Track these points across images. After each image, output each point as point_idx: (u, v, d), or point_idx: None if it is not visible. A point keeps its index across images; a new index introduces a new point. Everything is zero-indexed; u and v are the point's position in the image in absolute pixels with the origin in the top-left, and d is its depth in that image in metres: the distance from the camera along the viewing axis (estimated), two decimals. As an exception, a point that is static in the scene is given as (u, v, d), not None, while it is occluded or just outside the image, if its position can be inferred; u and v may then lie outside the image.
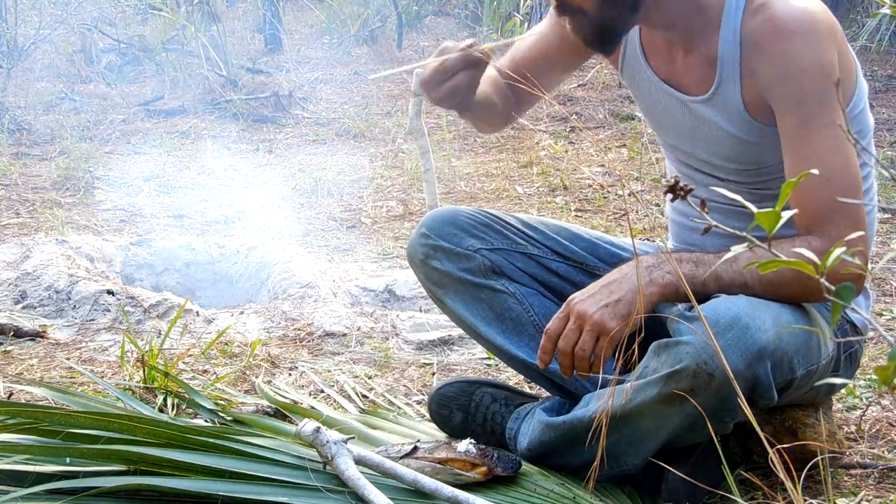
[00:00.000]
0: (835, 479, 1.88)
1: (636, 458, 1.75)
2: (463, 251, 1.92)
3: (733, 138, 1.78)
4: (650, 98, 1.91)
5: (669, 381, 1.61)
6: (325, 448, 1.64)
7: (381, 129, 5.70)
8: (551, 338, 1.69)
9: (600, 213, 4.09)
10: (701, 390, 1.59)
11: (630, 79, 1.94)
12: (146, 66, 7.19)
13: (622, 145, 5.09)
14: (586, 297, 1.68)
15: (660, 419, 1.67)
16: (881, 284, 3.02)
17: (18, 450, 1.67)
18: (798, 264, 0.96)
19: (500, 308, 1.92)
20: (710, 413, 1.61)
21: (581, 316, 1.66)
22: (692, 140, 1.86)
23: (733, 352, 1.56)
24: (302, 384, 2.46)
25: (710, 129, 1.81)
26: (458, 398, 1.97)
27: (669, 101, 1.87)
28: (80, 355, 2.67)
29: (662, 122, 1.92)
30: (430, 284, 1.97)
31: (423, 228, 1.96)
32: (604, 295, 1.66)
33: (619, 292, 1.66)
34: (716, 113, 1.79)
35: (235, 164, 5.12)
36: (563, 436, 1.78)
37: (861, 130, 1.82)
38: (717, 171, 1.86)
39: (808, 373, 1.70)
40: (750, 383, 1.59)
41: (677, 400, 1.61)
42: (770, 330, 1.59)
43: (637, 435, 1.71)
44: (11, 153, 5.26)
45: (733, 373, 1.52)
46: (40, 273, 3.08)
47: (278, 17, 7.73)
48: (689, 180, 1.92)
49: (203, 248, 3.54)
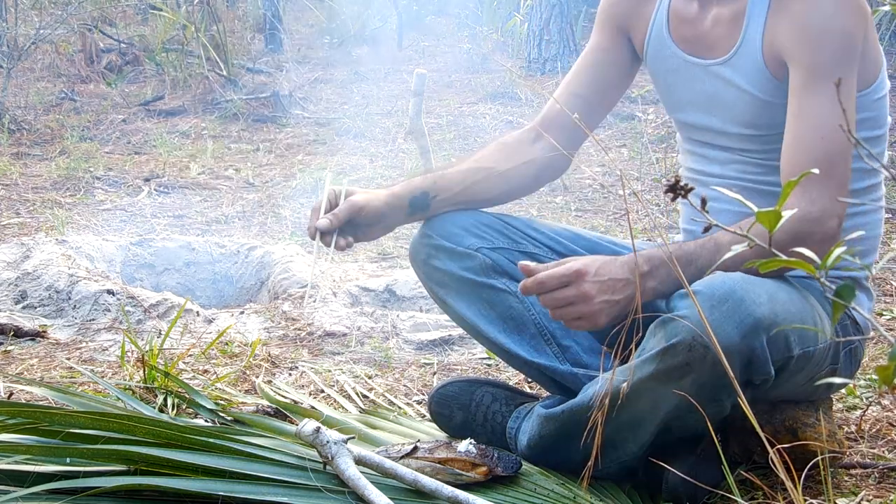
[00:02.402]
0: (835, 479, 1.88)
1: (635, 444, 1.75)
2: (464, 250, 1.92)
3: (751, 99, 1.79)
4: (671, 75, 1.93)
5: (665, 356, 1.60)
6: (325, 448, 1.64)
7: (381, 129, 5.70)
8: (541, 289, 1.67)
9: (600, 213, 4.09)
10: (697, 364, 1.59)
11: (653, 58, 1.96)
12: (146, 66, 7.19)
13: (622, 145, 5.09)
14: (594, 279, 1.65)
15: (657, 399, 1.67)
16: (881, 284, 3.02)
17: (18, 450, 1.67)
18: (798, 264, 0.96)
19: (502, 307, 1.93)
20: (706, 390, 1.61)
21: (584, 296, 1.65)
22: (708, 110, 1.88)
23: (728, 323, 1.57)
24: (302, 384, 2.46)
25: (729, 92, 1.83)
26: (459, 397, 1.97)
27: (690, 71, 1.89)
28: (80, 355, 2.67)
29: (682, 97, 1.94)
30: (431, 284, 1.97)
31: (425, 228, 1.97)
32: (608, 288, 1.65)
33: (620, 294, 1.65)
34: (735, 73, 1.81)
35: (235, 164, 5.12)
36: (563, 427, 1.77)
37: (877, 118, 1.84)
38: (732, 141, 1.86)
39: (805, 354, 1.70)
40: (746, 356, 1.59)
41: (673, 377, 1.61)
42: (765, 304, 1.60)
43: (635, 419, 1.70)
44: (11, 153, 5.26)
45: (728, 345, 1.54)
46: (40, 273, 3.08)
47: (278, 17, 7.74)
48: (704, 162, 1.93)
49: (203, 248, 3.55)
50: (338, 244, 1.89)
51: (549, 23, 7.04)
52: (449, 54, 7.81)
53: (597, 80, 2.00)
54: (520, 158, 2.00)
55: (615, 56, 2.00)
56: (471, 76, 7.04)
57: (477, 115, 5.99)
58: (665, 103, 2.03)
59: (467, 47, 7.59)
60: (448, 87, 6.87)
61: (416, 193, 1.95)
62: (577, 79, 2.01)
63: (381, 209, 1.93)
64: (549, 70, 6.94)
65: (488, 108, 6.11)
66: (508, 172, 2.00)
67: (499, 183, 2.00)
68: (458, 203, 1.97)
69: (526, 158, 2.00)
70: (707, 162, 1.93)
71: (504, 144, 2.03)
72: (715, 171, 1.90)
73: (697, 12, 1.88)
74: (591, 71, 2.01)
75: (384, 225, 1.96)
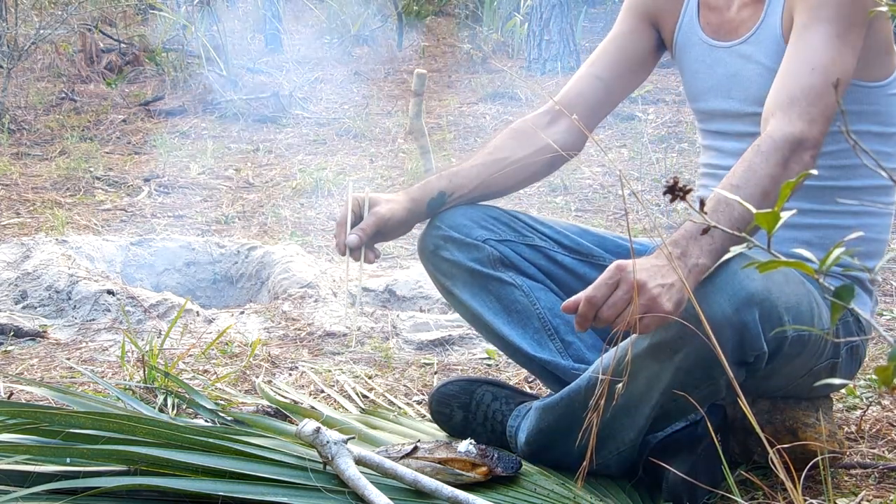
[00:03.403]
0: (835, 479, 1.88)
1: (632, 430, 1.74)
2: (472, 241, 1.94)
3: (768, 73, 1.80)
4: (696, 63, 1.96)
5: (659, 330, 1.59)
6: (325, 448, 1.64)
7: (381, 129, 5.71)
8: (595, 305, 1.56)
9: (600, 213, 4.09)
10: (689, 338, 1.57)
11: (682, 49, 1.99)
12: (146, 66, 7.19)
13: (622, 145, 5.09)
14: (639, 267, 1.54)
15: (651, 379, 1.66)
16: (881, 284, 3.02)
17: (18, 450, 1.67)
18: (797, 265, 0.96)
19: (507, 300, 1.93)
20: (700, 367, 1.61)
21: (637, 286, 1.53)
22: (728, 92, 1.90)
23: (721, 296, 1.57)
24: (302, 384, 2.46)
25: (748, 69, 1.85)
26: (459, 397, 1.97)
27: (714, 55, 1.92)
28: (81, 355, 2.67)
29: (704, 84, 1.95)
30: (438, 275, 1.98)
31: (435, 220, 1.98)
32: (656, 271, 1.55)
33: (671, 277, 1.55)
34: (756, 49, 1.84)
35: (235, 164, 5.12)
36: (561, 417, 1.77)
37: (890, 113, 1.84)
38: (748, 125, 1.86)
39: (801, 338, 1.69)
40: (738, 330, 1.58)
41: (667, 352, 1.61)
42: (759, 279, 1.59)
43: (631, 401, 1.69)
44: (11, 153, 5.26)
45: (721, 317, 1.53)
46: (40, 273, 3.08)
47: (278, 17, 7.74)
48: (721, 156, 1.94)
49: (203, 248, 3.55)
50: (367, 258, 1.90)
51: (549, 23, 7.04)
52: (449, 54, 7.81)
53: (619, 65, 2.01)
54: (534, 145, 1.99)
55: (640, 44, 2.02)
56: (471, 76, 7.04)
57: (477, 115, 5.99)
58: (689, 94, 2.04)
59: (467, 47, 7.59)
60: (448, 87, 6.87)
61: (433, 195, 1.96)
62: (601, 61, 2.02)
63: (404, 217, 1.94)
64: (549, 70, 6.94)
65: (488, 108, 6.11)
66: (524, 160, 1.99)
67: (514, 173, 1.99)
68: (474, 199, 1.99)
69: (541, 145, 1.98)
70: (723, 156, 1.93)
71: (517, 131, 2.02)
72: (731, 165, 1.89)
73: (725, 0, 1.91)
74: (615, 55, 2.02)
75: (405, 229, 1.98)
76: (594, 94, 1.99)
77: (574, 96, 2.01)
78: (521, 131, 2.01)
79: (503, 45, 7.74)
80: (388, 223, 1.91)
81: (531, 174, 2.03)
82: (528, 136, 2.00)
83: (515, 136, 2.01)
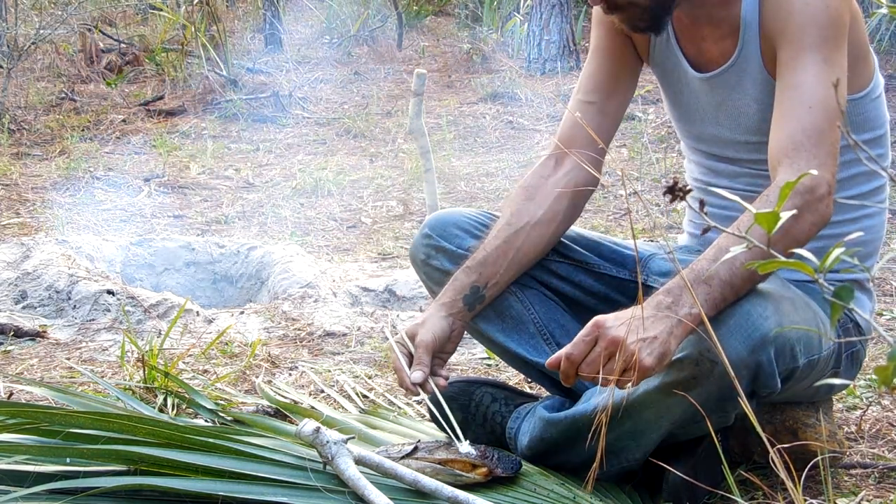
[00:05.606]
0: (835, 479, 1.88)
1: (638, 451, 1.74)
2: (464, 252, 1.92)
3: (755, 103, 1.79)
4: (678, 84, 1.91)
5: (672, 370, 1.59)
6: (325, 448, 1.64)
7: (381, 129, 5.71)
8: (574, 363, 1.57)
9: (600, 213, 4.09)
10: (703, 378, 1.58)
11: (660, 67, 1.94)
12: (146, 66, 7.19)
13: (622, 145, 5.09)
14: (618, 323, 1.54)
15: (662, 410, 1.66)
16: (881, 284, 3.02)
17: (18, 450, 1.67)
18: (797, 265, 0.96)
19: (501, 306, 1.93)
20: (712, 402, 1.60)
21: (614, 342, 1.54)
22: (716, 120, 1.87)
23: (736, 338, 1.56)
24: (302, 384, 2.46)
25: (734, 99, 1.82)
26: (458, 398, 1.96)
27: (696, 83, 1.87)
28: (80, 355, 2.67)
29: (689, 108, 1.92)
30: (431, 284, 1.98)
31: (426, 229, 1.97)
32: (635, 326, 1.54)
33: (654, 330, 1.54)
34: (739, 79, 1.80)
35: (235, 164, 5.12)
36: (565, 432, 1.77)
37: (876, 117, 1.83)
38: (740, 152, 1.85)
39: (810, 363, 1.70)
40: (753, 371, 1.58)
41: (679, 390, 1.60)
42: (771, 317, 1.58)
43: (639, 427, 1.70)
44: (11, 153, 5.26)
45: (736, 360, 1.51)
46: (40, 273, 3.08)
47: (278, 17, 7.73)
48: (712, 175, 1.92)
49: (203, 248, 3.55)
50: (439, 385, 1.84)
51: (549, 23, 7.03)
52: (449, 54, 7.81)
53: (605, 83, 1.94)
54: (551, 195, 1.91)
55: (620, 56, 1.95)
56: (471, 76, 7.04)
57: (477, 115, 5.99)
58: (672, 112, 2.00)
59: (467, 47, 7.59)
60: (448, 87, 6.87)
61: (466, 291, 1.87)
62: (586, 86, 1.96)
63: (446, 327, 1.86)
64: (549, 70, 6.94)
65: (488, 108, 6.11)
66: (545, 217, 1.91)
67: (541, 233, 1.91)
68: (511, 279, 1.91)
69: (554, 194, 1.91)
70: (715, 175, 1.91)
71: (528, 189, 1.93)
72: (723, 185, 1.88)
73: (694, 29, 1.85)
74: (598, 76, 1.95)
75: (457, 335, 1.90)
76: (591, 121, 1.90)
77: (570, 130, 1.94)
78: (533, 187, 1.93)
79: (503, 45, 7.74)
80: (437, 343, 1.85)
81: (559, 225, 1.93)
82: (540, 190, 1.92)
83: (528, 196, 1.92)
